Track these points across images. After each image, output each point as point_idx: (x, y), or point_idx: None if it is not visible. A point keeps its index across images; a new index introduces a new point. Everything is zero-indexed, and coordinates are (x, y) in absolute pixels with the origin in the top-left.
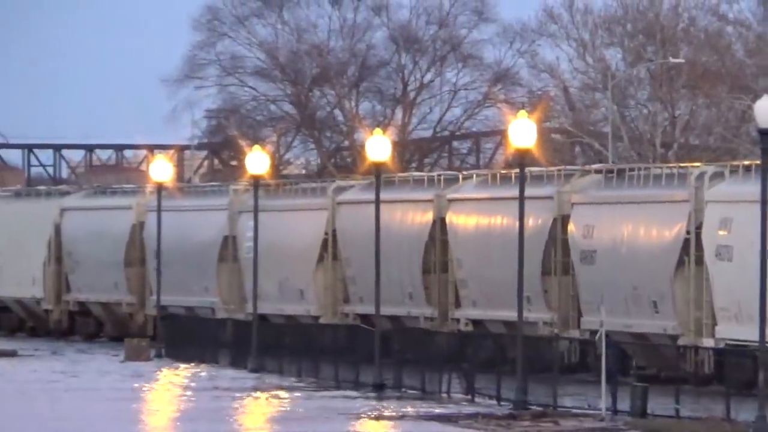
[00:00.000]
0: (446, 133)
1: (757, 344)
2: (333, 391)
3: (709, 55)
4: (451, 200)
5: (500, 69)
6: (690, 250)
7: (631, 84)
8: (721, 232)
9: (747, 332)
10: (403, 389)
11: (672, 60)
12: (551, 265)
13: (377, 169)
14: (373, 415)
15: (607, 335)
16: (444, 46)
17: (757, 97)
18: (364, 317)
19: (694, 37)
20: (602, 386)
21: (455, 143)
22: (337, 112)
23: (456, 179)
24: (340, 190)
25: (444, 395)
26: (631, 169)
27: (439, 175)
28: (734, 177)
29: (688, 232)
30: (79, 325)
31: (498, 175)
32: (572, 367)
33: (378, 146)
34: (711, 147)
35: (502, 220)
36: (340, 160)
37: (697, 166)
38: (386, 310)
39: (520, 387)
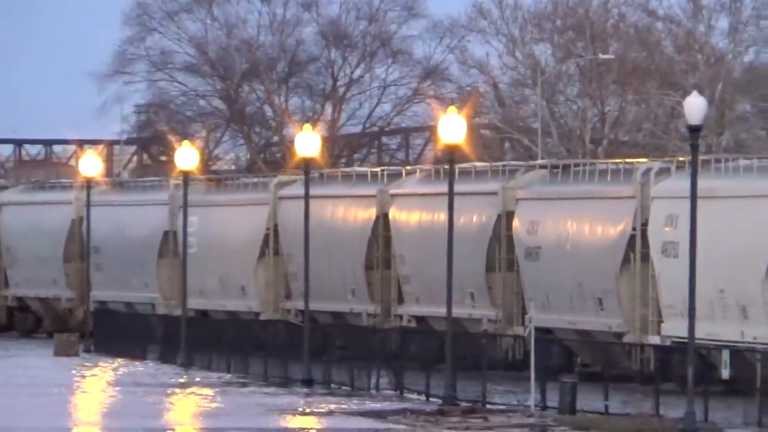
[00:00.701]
0: (376, 128)
1: (703, 341)
2: (262, 386)
3: (639, 51)
4: (394, 195)
5: (430, 65)
6: (636, 247)
7: (560, 80)
8: (667, 229)
9: None
10: (333, 385)
11: (601, 56)
12: (495, 262)
13: (306, 165)
14: (301, 411)
15: (550, 331)
16: (374, 41)
17: (686, 93)
18: None
19: (623, 33)
20: (531, 382)
21: (384, 139)
22: (266, 107)
23: (399, 174)
24: (282, 185)
25: (373, 391)
26: (577, 165)
27: (383, 170)
28: (680, 173)
29: (634, 229)
30: (18, 320)
31: (441, 170)
32: (516, 364)
33: (307, 142)
34: (640, 143)
35: (445, 215)
36: (270, 156)
37: (644, 162)
38: (328, 306)
39: (449, 383)
